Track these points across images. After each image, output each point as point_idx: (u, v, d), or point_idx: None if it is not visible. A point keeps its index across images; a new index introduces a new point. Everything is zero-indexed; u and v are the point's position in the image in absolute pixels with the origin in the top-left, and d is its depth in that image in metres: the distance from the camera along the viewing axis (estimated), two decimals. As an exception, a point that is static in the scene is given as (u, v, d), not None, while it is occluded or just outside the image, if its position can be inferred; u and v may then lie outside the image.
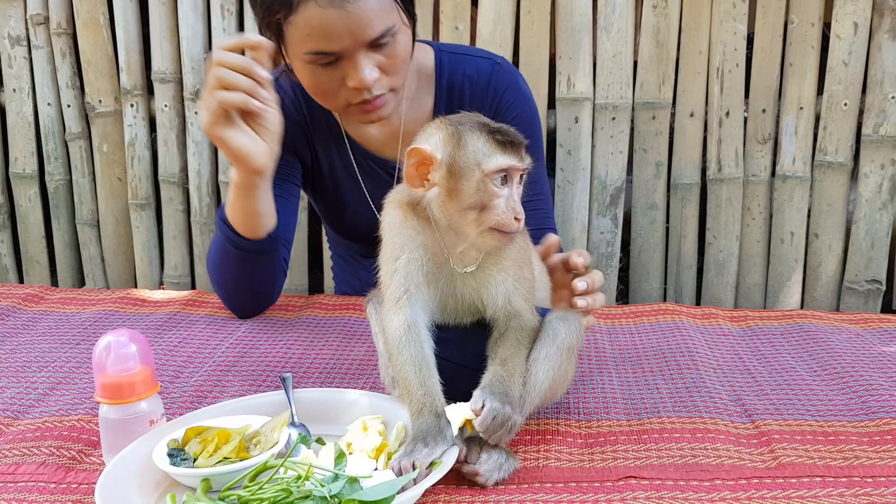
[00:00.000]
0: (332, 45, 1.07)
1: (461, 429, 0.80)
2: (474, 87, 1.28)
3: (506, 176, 0.82)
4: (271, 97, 1.09)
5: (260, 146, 1.11)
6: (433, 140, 0.84)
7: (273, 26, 1.10)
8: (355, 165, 1.34)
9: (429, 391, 0.83)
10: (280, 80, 1.30)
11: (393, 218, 0.89)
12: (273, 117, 1.11)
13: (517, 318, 0.88)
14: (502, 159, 0.81)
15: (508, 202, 0.82)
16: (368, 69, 1.09)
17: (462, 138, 0.82)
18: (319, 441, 0.85)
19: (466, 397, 0.81)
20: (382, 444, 0.83)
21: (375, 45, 1.09)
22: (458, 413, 0.80)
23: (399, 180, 1.32)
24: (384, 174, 1.33)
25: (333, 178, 1.36)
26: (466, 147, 0.82)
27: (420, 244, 0.87)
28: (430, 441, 0.78)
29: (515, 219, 0.82)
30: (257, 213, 1.18)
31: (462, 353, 0.89)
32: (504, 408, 0.78)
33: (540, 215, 1.28)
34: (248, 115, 1.10)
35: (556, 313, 0.91)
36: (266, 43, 1.06)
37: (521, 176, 0.85)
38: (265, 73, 1.06)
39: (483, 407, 0.78)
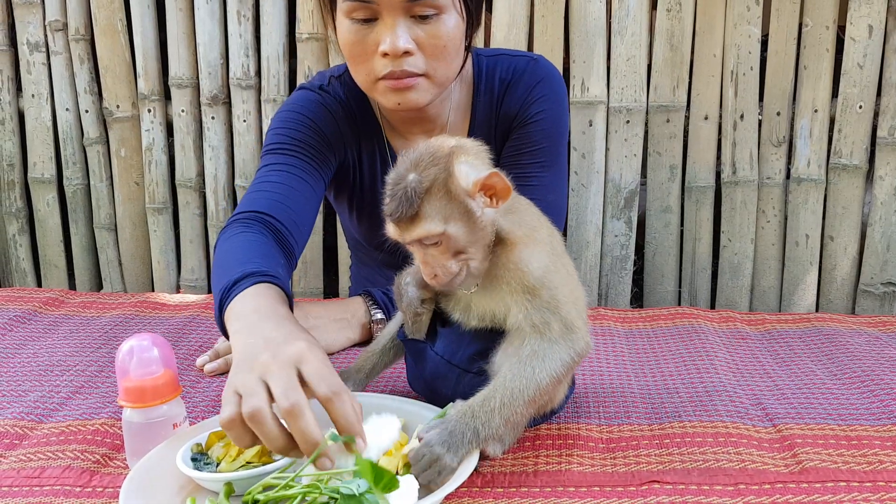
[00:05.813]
0: None
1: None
2: (508, 85, 1.22)
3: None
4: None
5: None
6: None
7: None
8: None
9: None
10: (328, 87, 1.24)
11: None
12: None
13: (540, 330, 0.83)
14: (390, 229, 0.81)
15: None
16: (403, 35, 1.04)
17: None
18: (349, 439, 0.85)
19: (451, 396, 0.85)
20: (399, 445, 0.83)
21: (417, 16, 1.04)
22: (387, 431, 0.80)
23: None
24: None
25: (374, 188, 1.29)
26: None
27: None
28: None
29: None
30: None
31: (454, 350, 0.90)
32: (435, 448, 0.76)
33: None
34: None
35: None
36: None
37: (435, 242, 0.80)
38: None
39: (421, 440, 0.77)
